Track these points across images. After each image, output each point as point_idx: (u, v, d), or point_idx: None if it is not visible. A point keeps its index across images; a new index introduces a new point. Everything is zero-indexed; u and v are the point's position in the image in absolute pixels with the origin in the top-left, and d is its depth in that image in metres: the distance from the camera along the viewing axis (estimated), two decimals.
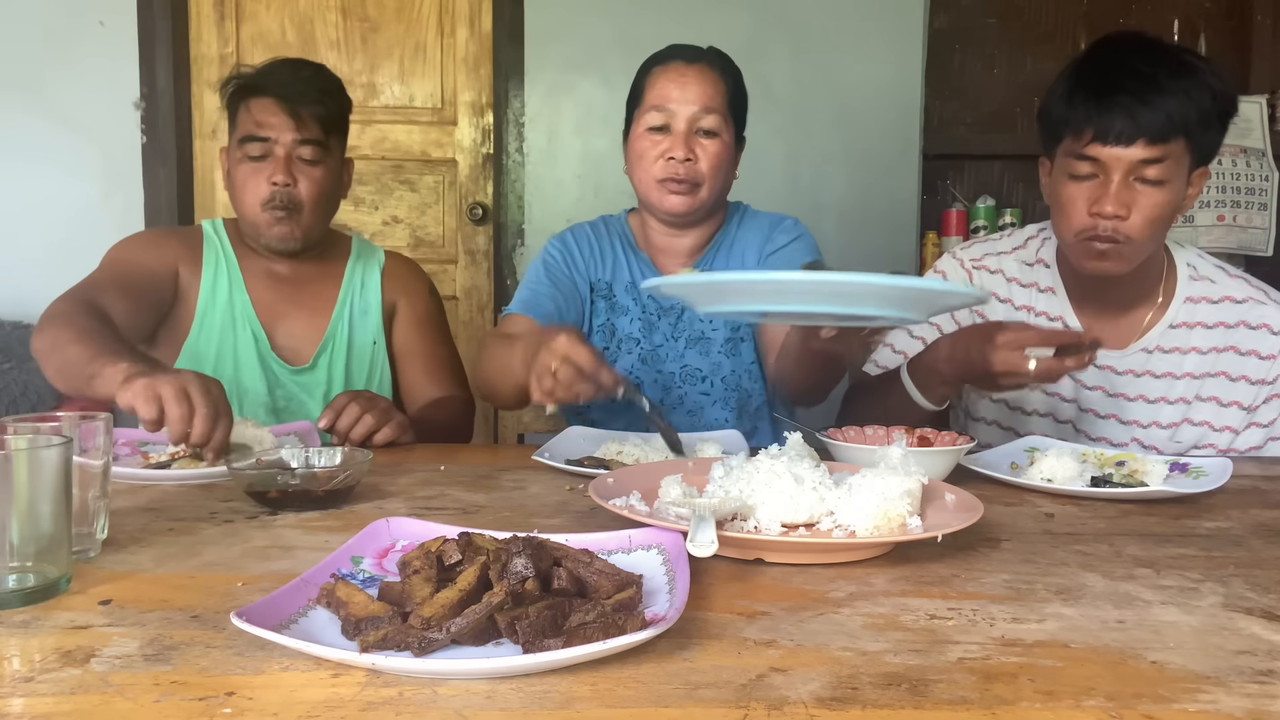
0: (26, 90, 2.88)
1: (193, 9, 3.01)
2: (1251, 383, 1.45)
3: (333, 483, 1.05)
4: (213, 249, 1.72)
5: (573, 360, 1.16)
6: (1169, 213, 1.35)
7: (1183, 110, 1.29)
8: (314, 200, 1.65)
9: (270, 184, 1.61)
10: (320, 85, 1.66)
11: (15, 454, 0.72)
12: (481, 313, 3.14)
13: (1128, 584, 0.81)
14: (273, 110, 1.61)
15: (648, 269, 1.69)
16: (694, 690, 0.58)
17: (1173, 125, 1.29)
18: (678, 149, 1.52)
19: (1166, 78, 1.30)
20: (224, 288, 1.70)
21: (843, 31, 2.97)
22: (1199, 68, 1.32)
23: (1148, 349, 1.48)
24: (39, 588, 0.73)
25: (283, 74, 1.64)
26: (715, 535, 0.78)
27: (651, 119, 1.54)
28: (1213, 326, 1.47)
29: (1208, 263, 1.52)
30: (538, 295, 1.63)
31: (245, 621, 0.60)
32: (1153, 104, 1.29)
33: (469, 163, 3.10)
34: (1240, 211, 3.07)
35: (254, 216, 1.64)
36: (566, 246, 1.70)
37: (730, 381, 1.65)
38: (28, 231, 2.89)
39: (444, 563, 0.73)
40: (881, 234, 3.00)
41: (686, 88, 1.53)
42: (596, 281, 1.69)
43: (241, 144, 1.63)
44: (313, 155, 1.64)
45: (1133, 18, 3.31)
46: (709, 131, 1.54)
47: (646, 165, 1.56)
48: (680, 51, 1.58)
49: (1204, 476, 1.22)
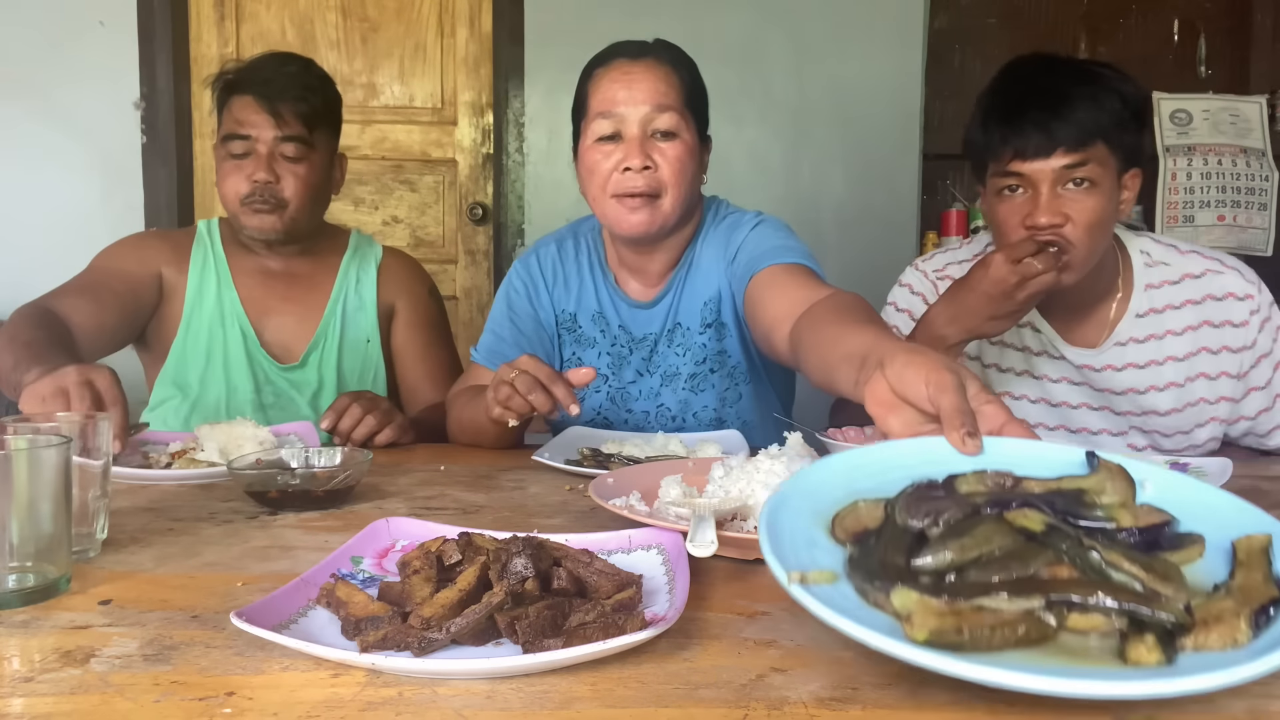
0: (26, 90, 2.88)
1: (193, 9, 3.01)
2: (1234, 351, 1.47)
3: (333, 483, 1.05)
4: (202, 248, 1.72)
5: (529, 370, 1.17)
6: (1106, 217, 1.37)
7: (1093, 115, 1.33)
8: (299, 195, 1.64)
9: (251, 181, 1.61)
10: (304, 81, 1.64)
11: (15, 454, 0.72)
12: (481, 313, 3.14)
13: None
14: (253, 108, 1.60)
15: (615, 295, 1.56)
16: (694, 690, 0.58)
17: (1086, 130, 1.32)
18: (633, 157, 1.36)
19: (1072, 87, 1.34)
20: (211, 286, 1.70)
21: (843, 31, 2.97)
22: (1103, 74, 1.36)
23: (1120, 342, 1.49)
24: (39, 588, 0.73)
25: (265, 70, 1.63)
26: (715, 535, 0.78)
27: (599, 127, 1.39)
28: (1180, 306, 1.49)
29: (1160, 245, 1.54)
30: (501, 343, 1.57)
31: (245, 621, 0.60)
32: (1062, 114, 1.32)
33: (469, 163, 3.10)
34: (1240, 211, 3.07)
35: (235, 210, 1.64)
36: (530, 275, 1.60)
37: (703, 418, 1.54)
38: (28, 232, 2.89)
39: (444, 563, 0.73)
40: (881, 234, 3.00)
41: (633, 87, 1.38)
42: (561, 313, 1.59)
43: (224, 141, 1.63)
44: (295, 152, 1.62)
45: (1132, 17, 3.31)
46: (666, 133, 1.38)
47: (599, 180, 1.40)
48: (623, 48, 1.44)
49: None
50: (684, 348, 1.54)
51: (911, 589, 0.55)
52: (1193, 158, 3.08)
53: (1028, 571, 0.57)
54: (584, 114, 1.44)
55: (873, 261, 2.81)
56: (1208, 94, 3.17)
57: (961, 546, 0.59)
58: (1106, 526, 0.62)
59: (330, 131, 1.71)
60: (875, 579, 0.57)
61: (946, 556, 0.58)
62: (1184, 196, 3.08)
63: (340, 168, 1.77)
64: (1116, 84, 1.35)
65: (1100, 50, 3.30)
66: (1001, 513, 0.62)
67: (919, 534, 0.61)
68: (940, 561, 0.58)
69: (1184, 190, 3.08)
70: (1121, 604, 0.54)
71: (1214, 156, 3.07)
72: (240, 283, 1.71)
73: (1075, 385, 1.54)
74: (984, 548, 0.59)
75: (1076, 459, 0.72)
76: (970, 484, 0.68)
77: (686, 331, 1.54)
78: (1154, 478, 0.70)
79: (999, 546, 0.59)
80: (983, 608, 0.54)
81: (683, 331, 1.55)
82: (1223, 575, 0.60)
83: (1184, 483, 0.70)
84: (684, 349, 1.55)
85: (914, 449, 0.75)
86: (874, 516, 0.65)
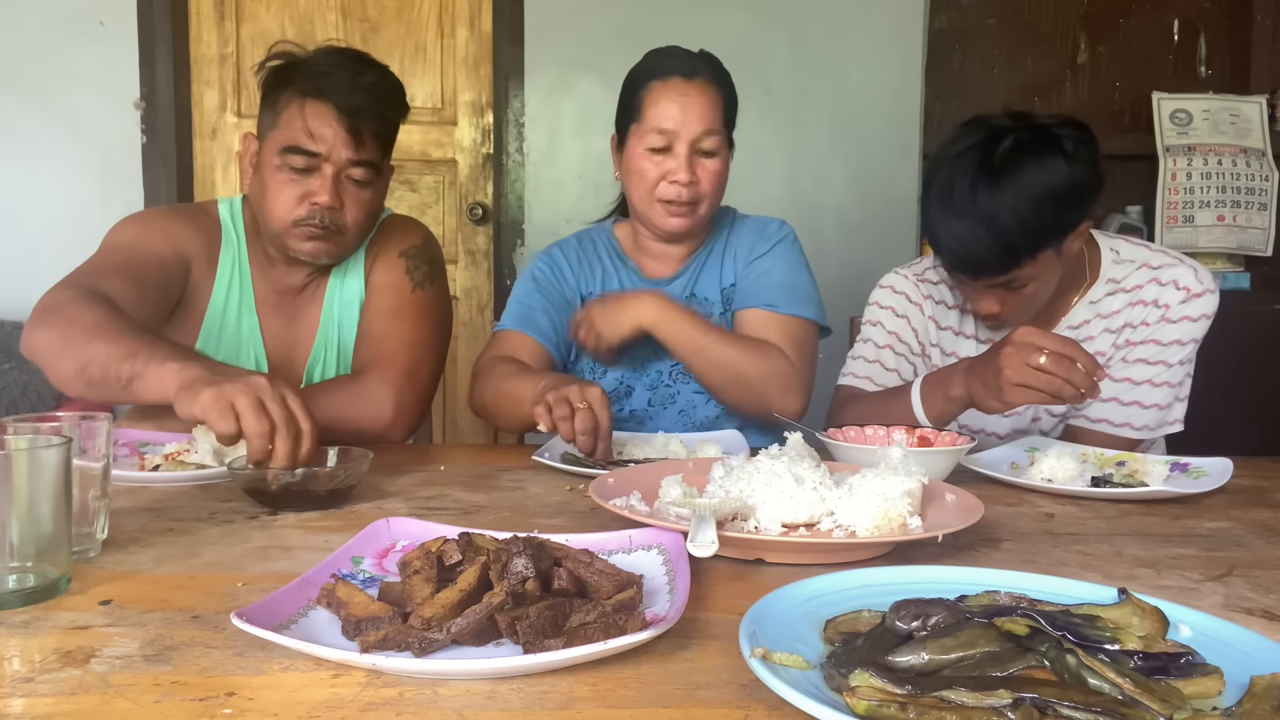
0: (26, 90, 2.88)
1: (193, 9, 3.01)
2: (1163, 344, 1.49)
3: (333, 483, 1.05)
4: (230, 250, 1.54)
5: (596, 414, 1.21)
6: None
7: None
8: (359, 223, 1.48)
9: (311, 203, 1.42)
10: (383, 95, 1.46)
11: (15, 454, 0.72)
12: (481, 313, 3.14)
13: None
14: (330, 122, 1.40)
15: (635, 277, 1.68)
16: (694, 690, 0.58)
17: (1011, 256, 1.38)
18: (680, 172, 1.52)
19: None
20: (234, 305, 1.53)
21: (843, 31, 2.96)
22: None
23: (1073, 325, 1.54)
24: (39, 588, 0.73)
25: (344, 78, 1.42)
26: (716, 535, 0.78)
27: (653, 140, 1.52)
28: (1130, 289, 1.53)
29: (1131, 245, 1.58)
30: (531, 310, 1.62)
31: (245, 622, 0.60)
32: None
33: (469, 163, 3.10)
34: (1240, 211, 3.07)
35: (282, 229, 1.45)
36: (554, 261, 1.69)
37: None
38: (28, 232, 2.89)
39: (444, 563, 0.73)
40: (881, 234, 3.00)
41: (689, 108, 1.50)
42: (587, 294, 1.68)
43: (285, 152, 1.41)
44: (364, 177, 1.45)
45: (1132, 18, 3.31)
46: (709, 152, 1.53)
47: (647, 185, 1.55)
48: (678, 64, 1.54)
49: (1204, 476, 1.22)
50: (703, 313, 1.62)
51: (871, 673, 0.53)
52: (1192, 158, 3.08)
53: (1003, 672, 0.55)
54: (636, 120, 1.55)
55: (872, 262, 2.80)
56: (1208, 94, 3.17)
57: (942, 646, 0.57)
58: (1110, 648, 0.59)
59: (392, 148, 1.53)
60: (844, 667, 0.55)
61: (923, 656, 0.56)
62: (1184, 196, 3.08)
63: (388, 179, 1.58)
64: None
65: (1100, 50, 3.30)
66: (991, 619, 0.60)
67: (906, 635, 0.59)
68: (917, 660, 0.56)
69: (1184, 190, 3.08)
70: (1093, 709, 0.51)
71: (1214, 156, 3.07)
72: (261, 301, 1.55)
73: None
74: (966, 650, 0.57)
75: (1107, 595, 0.68)
76: (978, 601, 0.66)
77: (705, 302, 1.65)
78: (1192, 622, 0.65)
79: (981, 650, 0.57)
80: (943, 700, 0.52)
81: (699, 301, 1.65)
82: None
83: (1226, 630, 0.63)
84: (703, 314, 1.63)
85: (933, 574, 0.73)
86: (870, 624, 0.63)
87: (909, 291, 1.68)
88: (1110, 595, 0.68)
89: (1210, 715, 0.53)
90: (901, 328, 1.66)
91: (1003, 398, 1.24)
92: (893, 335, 1.66)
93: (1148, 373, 1.48)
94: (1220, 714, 0.53)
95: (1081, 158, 1.36)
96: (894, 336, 1.66)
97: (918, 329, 1.67)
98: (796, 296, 1.57)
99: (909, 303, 1.67)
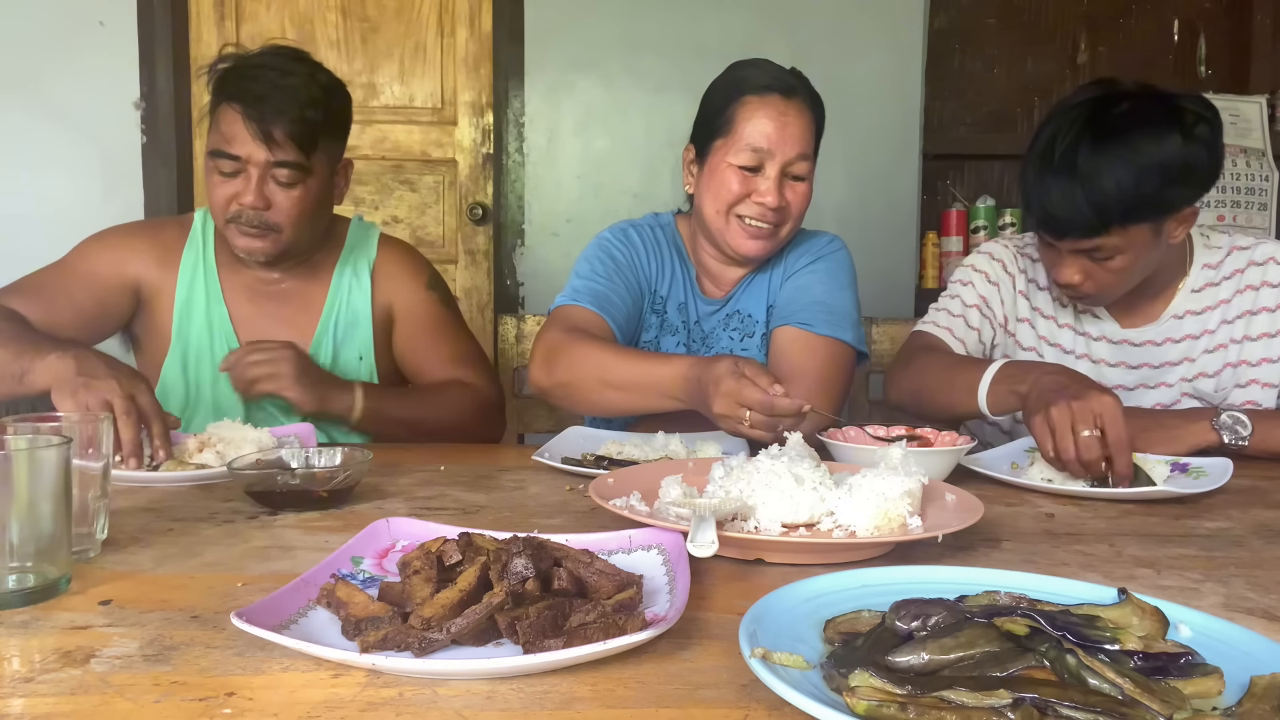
0: (26, 90, 2.88)
1: (193, 9, 3.01)
2: (1271, 310, 1.51)
3: (333, 483, 1.05)
4: (194, 250, 1.62)
5: (784, 415, 1.13)
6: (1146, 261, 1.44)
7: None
8: (292, 221, 1.52)
9: (238, 204, 1.48)
10: (305, 96, 1.47)
11: (15, 454, 0.72)
12: (482, 313, 3.13)
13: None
14: (243, 127, 1.45)
15: (695, 290, 1.64)
16: (694, 691, 0.58)
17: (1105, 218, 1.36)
18: (771, 195, 1.46)
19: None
20: (200, 299, 1.60)
21: (843, 31, 2.96)
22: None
23: (1178, 315, 1.55)
24: (39, 588, 0.73)
25: (263, 80, 1.45)
26: (716, 535, 0.78)
27: (744, 158, 1.46)
28: (1231, 275, 1.55)
29: (1219, 231, 1.61)
30: (609, 291, 1.54)
31: (245, 622, 0.60)
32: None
33: (469, 163, 3.10)
34: (1240, 211, 3.07)
35: (221, 228, 1.54)
36: (630, 243, 1.62)
37: None
38: (28, 232, 2.88)
39: (444, 563, 0.73)
40: (881, 234, 2.99)
41: (786, 128, 1.45)
42: (653, 293, 1.63)
43: (211, 156, 1.49)
44: (289, 178, 1.48)
45: (1132, 18, 3.31)
46: (799, 176, 1.49)
47: (728, 199, 1.48)
48: (776, 82, 1.48)
49: (1204, 476, 1.22)
50: (739, 332, 1.61)
51: (871, 673, 0.53)
52: None
53: (1003, 672, 0.55)
54: (724, 134, 1.48)
55: (873, 262, 2.81)
56: (1208, 94, 3.17)
57: (942, 646, 0.57)
58: (1110, 648, 0.59)
59: (333, 142, 1.57)
60: (844, 667, 0.55)
61: (923, 656, 0.56)
62: None
63: (345, 175, 1.64)
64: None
65: (1100, 50, 3.30)
66: (991, 619, 0.60)
67: (906, 635, 0.60)
68: (917, 660, 0.56)
69: None
70: (1093, 709, 0.51)
71: None
72: (230, 298, 1.61)
73: (1110, 367, 1.58)
74: (966, 650, 0.57)
75: (1107, 595, 0.69)
76: (977, 601, 0.66)
77: (748, 319, 1.62)
78: (1192, 622, 0.65)
79: (981, 650, 0.57)
80: (944, 700, 0.52)
81: (740, 318, 1.62)
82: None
83: (1226, 630, 0.64)
84: (739, 333, 1.62)
85: (933, 574, 0.73)
86: (870, 624, 0.63)
87: (1006, 261, 1.66)
88: (1110, 595, 0.68)
89: (1210, 715, 0.53)
90: (990, 294, 1.64)
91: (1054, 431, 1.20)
92: (981, 299, 1.64)
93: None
94: (1220, 714, 0.53)
95: (1200, 136, 1.32)
96: (982, 300, 1.64)
97: (1005, 299, 1.65)
98: (833, 316, 1.50)
99: (1004, 272, 1.65)
